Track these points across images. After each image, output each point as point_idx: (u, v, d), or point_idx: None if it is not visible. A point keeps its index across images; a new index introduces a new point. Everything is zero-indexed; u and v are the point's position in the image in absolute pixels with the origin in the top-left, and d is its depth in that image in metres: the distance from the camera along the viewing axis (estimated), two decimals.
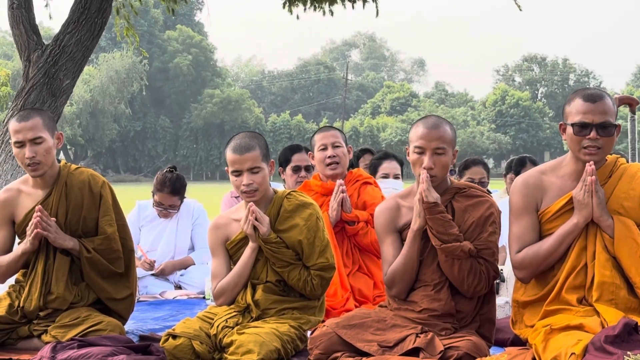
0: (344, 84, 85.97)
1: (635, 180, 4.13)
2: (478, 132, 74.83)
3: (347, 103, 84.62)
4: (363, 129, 74.06)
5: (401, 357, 4.03)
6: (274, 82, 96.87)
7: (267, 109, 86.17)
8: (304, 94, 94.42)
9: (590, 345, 3.60)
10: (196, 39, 79.70)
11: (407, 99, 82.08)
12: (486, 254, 4.37)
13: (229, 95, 77.10)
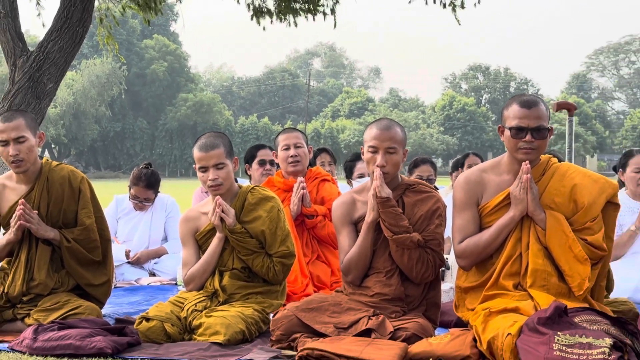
0: (306, 89, 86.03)
1: (566, 178, 4.17)
2: (428, 134, 75.05)
3: (309, 107, 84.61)
4: (324, 131, 74.00)
5: (355, 337, 4.04)
6: (243, 88, 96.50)
7: (236, 112, 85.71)
8: (270, 98, 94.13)
9: (525, 326, 3.63)
10: (171, 47, 79.27)
11: (364, 104, 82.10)
12: (433, 244, 4.41)
13: (201, 99, 76.84)
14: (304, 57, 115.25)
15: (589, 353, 3.39)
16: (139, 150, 76.57)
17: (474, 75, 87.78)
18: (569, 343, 3.46)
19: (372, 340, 3.98)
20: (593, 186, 4.14)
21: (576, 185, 4.14)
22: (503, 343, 3.67)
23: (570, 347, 3.44)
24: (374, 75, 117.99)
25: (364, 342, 3.92)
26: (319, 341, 3.94)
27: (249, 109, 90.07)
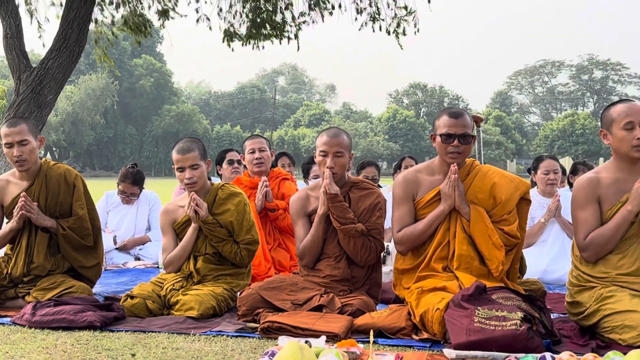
0: (272, 102, 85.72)
1: (486, 178, 4.20)
2: (375, 141, 75.23)
3: (275, 117, 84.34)
4: (287, 138, 73.90)
5: (309, 312, 4.04)
6: (219, 100, 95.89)
7: (212, 121, 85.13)
8: (241, 110, 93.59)
9: (451, 302, 3.64)
10: (157, 65, 78.66)
11: (321, 115, 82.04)
12: (375, 233, 4.42)
13: (182, 110, 76.45)
14: (270, 75, 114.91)
15: (503, 324, 3.41)
16: (128, 153, 75.84)
17: (414, 91, 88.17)
18: (487, 316, 3.47)
19: (323, 314, 3.98)
20: (509, 185, 4.18)
21: (495, 184, 4.17)
22: (433, 316, 3.68)
23: (488, 320, 3.46)
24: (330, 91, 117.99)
25: (316, 316, 3.92)
26: (278, 315, 3.93)
27: (223, 119, 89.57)
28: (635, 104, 3.98)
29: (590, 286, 3.90)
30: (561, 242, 6.03)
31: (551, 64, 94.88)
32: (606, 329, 3.67)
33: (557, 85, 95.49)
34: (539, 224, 6.17)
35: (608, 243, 3.89)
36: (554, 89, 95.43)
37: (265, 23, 9.60)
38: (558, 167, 6.36)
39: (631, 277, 3.83)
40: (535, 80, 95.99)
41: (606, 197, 3.96)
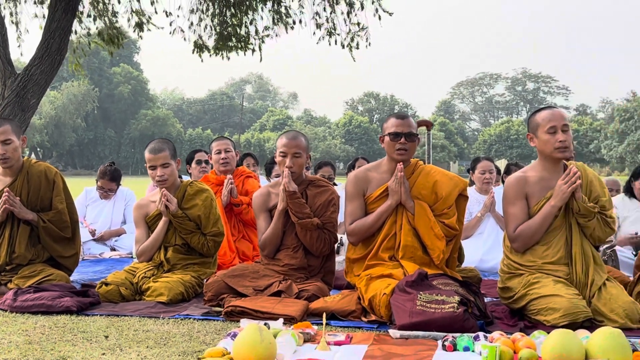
0: (240, 108, 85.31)
1: (429, 176, 4.23)
2: (333, 144, 75.33)
3: (242, 122, 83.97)
4: (254, 141, 73.61)
5: (269, 297, 4.03)
6: (191, 106, 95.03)
7: (185, 125, 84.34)
8: (212, 115, 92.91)
9: (396, 288, 3.66)
10: (134, 73, 77.66)
11: (284, 120, 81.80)
12: (329, 226, 4.42)
13: (158, 114, 75.71)
14: (238, 84, 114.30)
15: (442, 307, 3.45)
16: (108, 154, 74.77)
17: (368, 100, 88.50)
18: (428, 300, 3.50)
19: (282, 299, 3.97)
20: (449, 182, 4.21)
21: (437, 182, 4.20)
22: (380, 300, 3.70)
23: (429, 303, 3.48)
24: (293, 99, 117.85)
25: (276, 301, 3.91)
26: (241, 300, 3.91)
27: (195, 123, 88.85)
28: (558, 110, 4.06)
29: (519, 273, 3.96)
30: (495, 235, 6.10)
31: (489, 76, 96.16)
32: (533, 311, 3.73)
33: (494, 95, 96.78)
34: (476, 218, 6.23)
35: (535, 235, 3.95)
36: (491, 99, 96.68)
37: (232, 36, 9.54)
38: (493, 168, 6.44)
39: (555, 265, 3.90)
40: (475, 90, 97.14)
41: (533, 193, 4.02)
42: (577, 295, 3.68)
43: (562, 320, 3.52)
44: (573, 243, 3.93)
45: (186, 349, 3.08)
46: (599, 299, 3.72)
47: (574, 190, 3.88)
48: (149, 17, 9.65)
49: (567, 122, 4.03)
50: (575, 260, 3.89)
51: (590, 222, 3.92)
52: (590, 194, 4.01)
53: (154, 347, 3.10)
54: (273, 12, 9.55)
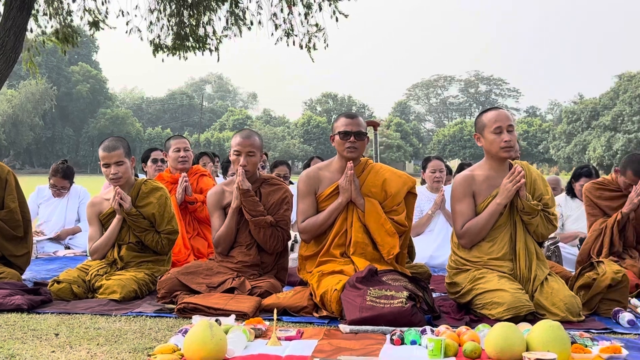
0: (200, 108, 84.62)
1: (379, 174, 4.25)
2: (292, 143, 75.24)
3: (202, 122, 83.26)
4: (213, 140, 73.07)
5: (222, 293, 4.00)
6: (150, 105, 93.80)
7: (145, 124, 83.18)
8: (172, 114, 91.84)
9: (347, 284, 3.67)
10: (93, 72, 76.21)
11: (244, 120, 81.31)
12: (282, 224, 4.41)
13: (117, 113, 74.51)
14: (198, 84, 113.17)
15: (391, 302, 3.47)
16: (66, 152, 73.28)
17: (326, 100, 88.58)
18: (378, 295, 3.53)
19: (235, 295, 3.95)
20: (398, 180, 4.24)
21: (386, 180, 4.23)
22: (331, 296, 3.71)
23: (379, 298, 3.51)
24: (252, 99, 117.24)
25: (228, 297, 3.88)
26: (194, 297, 3.88)
27: (155, 122, 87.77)
28: (503, 111, 4.12)
29: (465, 269, 4.01)
30: (445, 232, 6.17)
31: (444, 79, 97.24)
32: (478, 305, 3.79)
33: (448, 97, 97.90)
34: (426, 215, 6.29)
35: (481, 231, 4.01)
36: (445, 100, 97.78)
37: (189, 36, 9.46)
38: (443, 167, 6.52)
39: (499, 261, 3.96)
40: (430, 92, 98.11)
41: (480, 191, 4.08)
42: (521, 289, 3.74)
43: (505, 314, 3.57)
44: (517, 239, 4.00)
45: (137, 346, 3.04)
46: (541, 293, 3.80)
47: (518, 188, 3.95)
48: (106, 16, 9.50)
49: (512, 122, 4.10)
50: (519, 256, 3.96)
51: (534, 219, 3.99)
52: (534, 192, 4.08)
53: (105, 345, 3.05)
54: (230, 13, 9.49)
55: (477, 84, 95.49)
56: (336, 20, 9.43)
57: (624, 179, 4.99)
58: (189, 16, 9.40)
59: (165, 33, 9.64)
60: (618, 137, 57.30)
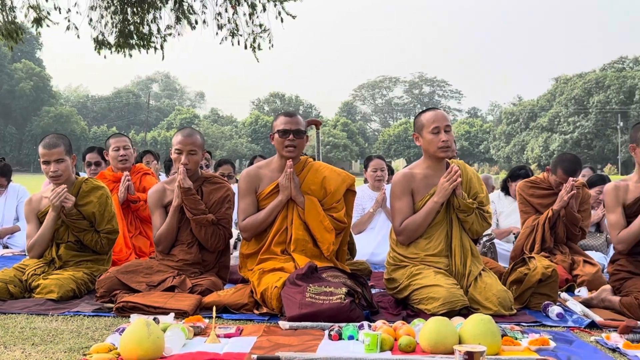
0: (146, 107, 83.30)
1: (318, 172, 4.26)
2: (239, 143, 74.80)
3: (149, 120, 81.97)
4: (160, 139, 72.03)
5: (162, 292, 3.95)
6: (96, 104, 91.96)
7: (90, 123, 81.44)
8: (118, 112, 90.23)
9: (287, 281, 3.67)
10: (36, 70, 74.18)
11: (191, 119, 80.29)
12: (224, 222, 4.38)
13: (61, 111, 72.72)
14: (145, 82, 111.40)
15: (330, 298, 3.49)
16: (8, 151, 71.11)
17: (273, 100, 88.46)
18: (317, 292, 3.54)
19: (175, 294, 3.90)
20: (337, 178, 4.26)
21: (325, 178, 4.24)
22: (272, 293, 3.70)
23: (318, 295, 3.52)
24: (200, 98, 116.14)
25: (168, 296, 3.83)
26: (133, 295, 3.81)
27: (100, 120, 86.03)
28: (441, 112, 4.19)
29: (403, 265, 4.06)
30: (386, 229, 6.21)
31: (389, 80, 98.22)
32: (415, 300, 3.84)
33: (393, 98, 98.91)
34: (368, 213, 6.34)
35: (419, 228, 4.07)
36: (391, 101, 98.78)
37: (133, 34, 9.29)
38: (384, 166, 6.58)
39: (436, 257, 4.02)
40: (376, 93, 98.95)
41: (418, 189, 4.14)
42: (455, 285, 3.81)
43: (441, 308, 3.63)
44: (453, 236, 4.08)
45: (73, 345, 2.97)
46: (475, 288, 3.87)
47: (455, 187, 4.02)
48: (48, 12, 9.25)
49: (450, 123, 4.17)
50: (455, 252, 4.04)
51: (469, 217, 4.07)
52: (470, 191, 4.16)
53: (40, 344, 2.97)
54: (175, 12, 9.36)
55: (421, 85, 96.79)
56: (281, 21, 9.41)
57: (554, 178, 5.14)
58: (132, 14, 9.23)
59: (109, 30, 9.45)
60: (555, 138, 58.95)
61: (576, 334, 3.38)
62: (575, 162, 5.10)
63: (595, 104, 57.71)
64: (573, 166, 5.07)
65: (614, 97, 57.21)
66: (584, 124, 57.84)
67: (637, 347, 2.99)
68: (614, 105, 57.07)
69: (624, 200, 3.99)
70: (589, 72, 63.58)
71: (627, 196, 4.00)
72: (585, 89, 59.38)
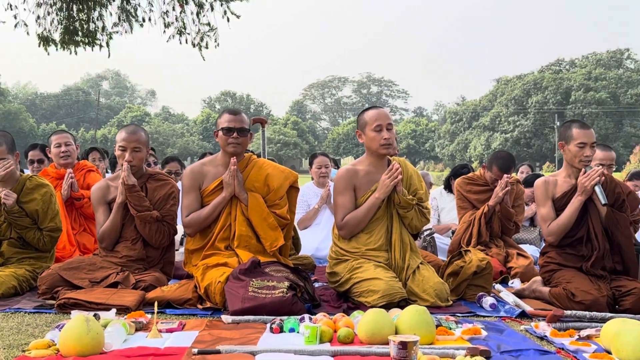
0: (96, 104, 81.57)
1: (262, 169, 4.25)
2: (191, 140, 73.93)
3: (99, 118, 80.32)
4: (111, 136, 70.64)
5: (105, 288, 3.88)
6: (44, 101, 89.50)
7: (39, 120, 79.35)
8: (67, 110, 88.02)
9: (230, 276, 3.66)
10: None
11: (142, 117, 78.88)
12: (168, 218, 4.33)
13: (9, 109, 70.52)
14: (95, 80, 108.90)
15: (273, 292, 3.49)
16: None
17: (225, 98, 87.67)
18: (260, 286, 3.53)
19: (118, 290, 3.84)
20: (280, 175, 4.26)
21: (269, 174, 4.24)
22: (215, 288, 3.69)
23: (260, 289, 3.52)
24: (151, 96, 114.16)
25: (111, 292, 3.77)
26: (75, 292, 3.73)
27: (49, 118, 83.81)
28: (383, 110, 4.22)
29: (345, 259, 4.09)
30: (331, 225, 6.14)
31: (338, 79, 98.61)
32: (356, 293, 3.88)
33: (342, 97, 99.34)
34: (313, 209, 6.36)
35: (360, 223, 4.10)
36: (340, 100, 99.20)
37: (79, 31, 9.08)
38: (328, 163, 6.61)
39: (376, 251, 4.07)
40: (325, 92, 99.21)
41: (360, 185, 4.17)
42: (394, 278, 3.86)
43: (380, 300, 3.67)
44: (393, 231, 4.12)
45: (12, 342, 2.90)
46: (413, 280, 3.93)
47: (395, 184, 4.06)
48: None
49: (392, 121, 4.21)
50: (394, 246, 4.09)
51: (409, 212, 4.13)
52: (410, 187, 4.22)
53: None
54: (121, 9, 9.19)
55: (369, 85, 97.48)
56: (227, 20, 9.35)
57: (490, 174, 5.26)
58: (78, 11, 9.03)
59: (54, 27, 9.21)
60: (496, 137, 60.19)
61: (507, 323, 3.47)
62: (509, 160, 5.23)
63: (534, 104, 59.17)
64: (507, 164, 5.19)
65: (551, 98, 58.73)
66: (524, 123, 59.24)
67: (563, 335, 3.08)
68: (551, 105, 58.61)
69: (553, 194, 4.11)
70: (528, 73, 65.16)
71: (556, 190, 4.12)
72: (524, 90, 60.81)
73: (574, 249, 4.07)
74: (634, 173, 7.17)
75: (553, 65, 68.07)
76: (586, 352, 2.80)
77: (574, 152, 4.04)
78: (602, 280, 3.93)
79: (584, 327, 3.27)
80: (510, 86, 62.93)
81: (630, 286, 3.82)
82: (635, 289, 3.78)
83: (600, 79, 58.74)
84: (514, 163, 5.26)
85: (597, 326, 3.24)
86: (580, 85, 58.16)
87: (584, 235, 4.03)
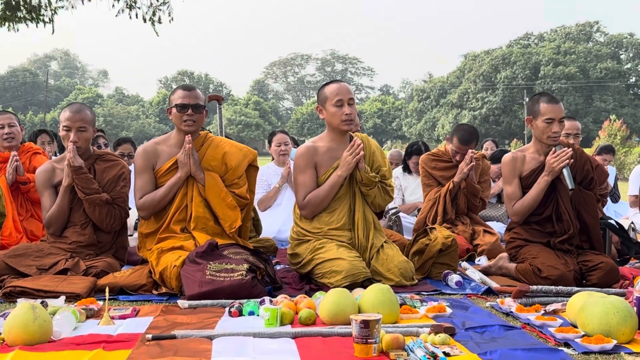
0: (45, 86, 79.85)
1: (219, 148, 4.20)
2: (147, 123, 73.06)
3: (48, 100, 78.59)
4: None
5: (53, 275, 3.83)
6: None
7: None
8: (13, 92, 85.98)
9: (186, 259, 3.64)
10: None
11: (94, 99, 77.50)
12: (119, 201, 4.27)
13: None
14: (42, 60, 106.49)
15: (231, 275, 3.48)
16: None
17: (182, 78, 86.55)
18: (218, 269, 3.52)
19: (67, 277, 3.79)
20: (238, 153, 4.23)
21: (226, 153, 4.19)
22: (171, 272, 3.66)
23: (218, 272, 3.50)
24: (103, 76, 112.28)
25: (60, 279, 3.72)
26: (22, 280, 3.68)
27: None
28: (344, 84, 4.21)
29: (306, 239, 4.09)
30: (292, 206, 6.24)
31: (301, 57, 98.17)
32: (318, 274, 3.89)
33: (305, 76, 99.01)
34: (274, 189, 6.34)
35: (322, 202, 4.10)
36: (303, 79, 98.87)
37: (21, 6, 8.85)
38: (288, 140, 6.58)
39: (339, 231, 4.08)
40: (288, 70, 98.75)
41: (321, 163, 4.16)
42: (358, 257, 3.88)
43: (343, 281, 3.69)
44: (356, 210, 4.13)
45: None
46: (377, 260, 3.96)
47: (358, 161, 4.06)
48: None
49: (353, 96, 4.20)
50: (358, 225, 4.10)
51: (372, 190, 4.14)
52: (373, 164, 4.23)
53: None
54: None
55: (333, 62, 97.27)
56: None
57: (451, 147, 5.30)
58: None
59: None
60: (464, 114, 60.71)
61: (473, 300, 3.53)
62: (471, 132, 5.27)
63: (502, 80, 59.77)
64: (468, 136, 5.23)
65: (520, 73, 59.40)
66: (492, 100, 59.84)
67: (529, 310, 3.14)
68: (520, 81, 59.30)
69: (521, 172, 4.16)
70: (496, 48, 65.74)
71: (523, 167, 4.16)
72: (492, 66, 61.34)
73: (541, 225, 4.13)
74: (603, 147, 7.37)
75: (522, 39, 68.83)
76: (552, 327, 2.85)
77: (541, 128, 4.07)
78: (568, 254, 4.01)
79: (550, 302, 3.34)
80: (478, 62, 63.43)
81: (597, 260, 3.91)
82: (602, 263, 3.87)
83: (570, 53, 59.60)
84: (477, 136, 5.31)
85: (563, 300, 3.31)
86: (549, 59, 58.92)
87: (552, 214, 4.09)
